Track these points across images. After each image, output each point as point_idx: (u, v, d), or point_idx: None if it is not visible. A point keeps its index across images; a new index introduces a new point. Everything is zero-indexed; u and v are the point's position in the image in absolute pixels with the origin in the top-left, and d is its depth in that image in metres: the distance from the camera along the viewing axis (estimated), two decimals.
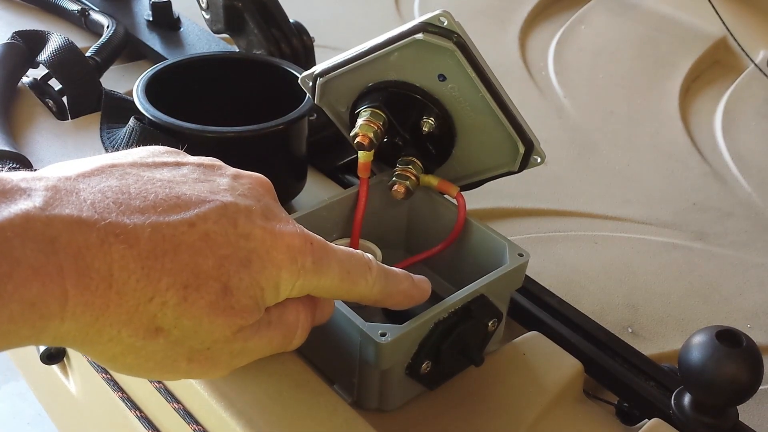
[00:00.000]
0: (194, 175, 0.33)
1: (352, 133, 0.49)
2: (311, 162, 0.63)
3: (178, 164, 0.34)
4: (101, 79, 0.71)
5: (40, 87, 0.71)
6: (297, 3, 0.80)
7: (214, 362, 0.33)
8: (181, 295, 0.30)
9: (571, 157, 0.82)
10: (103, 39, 0.75)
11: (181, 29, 0.84)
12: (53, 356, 0.62)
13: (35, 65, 0.71)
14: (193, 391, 0.43)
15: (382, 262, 0.51)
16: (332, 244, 0.36)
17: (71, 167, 0.31)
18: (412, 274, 0.41)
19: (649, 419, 0.47)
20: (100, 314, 0.28)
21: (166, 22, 0.84)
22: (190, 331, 0.30)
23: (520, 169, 0.50)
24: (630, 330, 0.59)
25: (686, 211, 0.75)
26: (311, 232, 0.35)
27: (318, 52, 0.72)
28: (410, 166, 0.51)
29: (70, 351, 0.68)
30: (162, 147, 0.35)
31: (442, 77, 0.48)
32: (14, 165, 0.57)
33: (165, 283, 0.29)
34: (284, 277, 0.33)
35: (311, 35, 0.71)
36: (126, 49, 0.79)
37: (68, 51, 0.68)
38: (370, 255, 0.38)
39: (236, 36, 0.71)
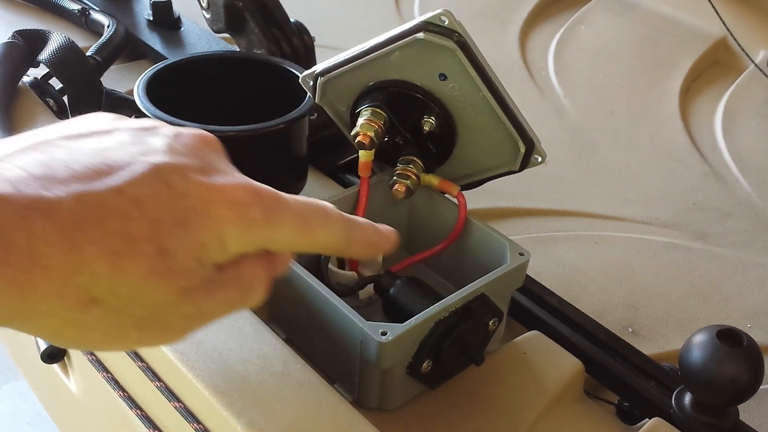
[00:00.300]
0: (126, 139, 0.32)
1: (352, 133, 0.49)
2: (312, 161, 0.63)
3: (113, 130, 0.33)
4: (102, 79, 0.71)
5: (40, 86, 0.70)
6: (297, 3, 0.80)
7: (166, 328, 0.32)
8: (112, 263, 0.29)
9: (571, 157, 0.82)
10: (103, 38, 0.75)
11: (182, 29, 0.84)
12: (54, 355, 0.62)
13: (36, 64, 0.71)
14: (195, 389, 0.43)
15: (383, 262, 0.52)
16: (286, 194, 0.35)
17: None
18: (375, 224, 0.39)
19: (650, 419, 0.47)
20: (27, 290, 0.28)
21: (166, 21, 0.84)
22: (128, 299, 0.30)
23: (521, 169, 0.51)
24: (630, 330, 0.59)
25: (686, 211, 0.75)
26: (261, 184, 0.34)
27: (318, 52, 0.72)
28: (411, 166, 0.51)
29: (71, 350, 0.68)
30: (103, 114, 0.34)
31: (443, 76, 0.48)
32: None
33: (94, 253, 0.28)
34: (229, 231, 0.32)
35: (312, 35, 0.71)
36: (126, 48, 0.79)
37: (69, 50, 0.68)
38: (329, 204, 0.37)
39: (237, 35, 0.71)
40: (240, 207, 0.32)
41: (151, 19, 0.84)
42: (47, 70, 0.69)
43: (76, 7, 0.85)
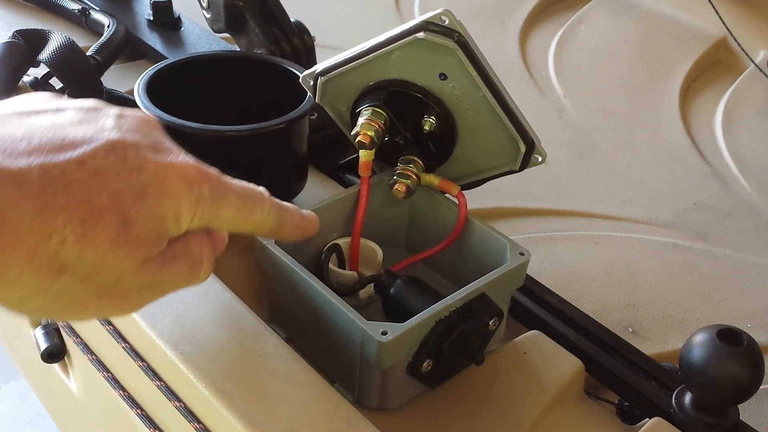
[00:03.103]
0: (78, 118, 0.34)
1: (353, 132, 0.49)
2: (312, 161, 0.63)
3: (60, 110, 0.34)
4: (102, 79, 0.71)
5: (40, 86, 0.70)
6: (298, 2, 0.80)
7: (124, 297, 0.33)
8: (79, 230, 0.30)
9: (571, 157, 0.82)
10: (103, 38, 0.75)
11: (182, 29, 0.84)
12: (54, 355, 0.62)
13: (36, 64, 0.71)
14: (195, 389, 0.43)
15: (383, 262, 0.52)
16: (227, 177, 0.37)
17: None
18: (301, 210, 0.42)
19: (650, 418, 0.47)
20: None
21: (166, 21, 0.84)
22: (94, 267, 0.31)
23: (521, 168, 0.51)
24: (630, 329, 0.59)
25: (686, 211, 0.75)
26: (205, 164, 0.35)
27: (318, 52, 0.72)
28: (411, 165, 0.51)
29: (71, 350, 0.68)
30: (42, 94, 0.36)
31: (443, 76, 0.48)
32: None
33: (62, 220, 0.29)
34: (183, 206, 0.33)
35: (312, 35, 0.71)
36: (127, 48, 0.79)
37: (69, 50, 0.68)
38: (262, 188, 0.39)
39: (237, 35, 0.71)
40: (192, 184, 0.34)
41: (152, 18, 0.84)
42: (47, 69, 0.69)
43: (76, 6, 0.85)
